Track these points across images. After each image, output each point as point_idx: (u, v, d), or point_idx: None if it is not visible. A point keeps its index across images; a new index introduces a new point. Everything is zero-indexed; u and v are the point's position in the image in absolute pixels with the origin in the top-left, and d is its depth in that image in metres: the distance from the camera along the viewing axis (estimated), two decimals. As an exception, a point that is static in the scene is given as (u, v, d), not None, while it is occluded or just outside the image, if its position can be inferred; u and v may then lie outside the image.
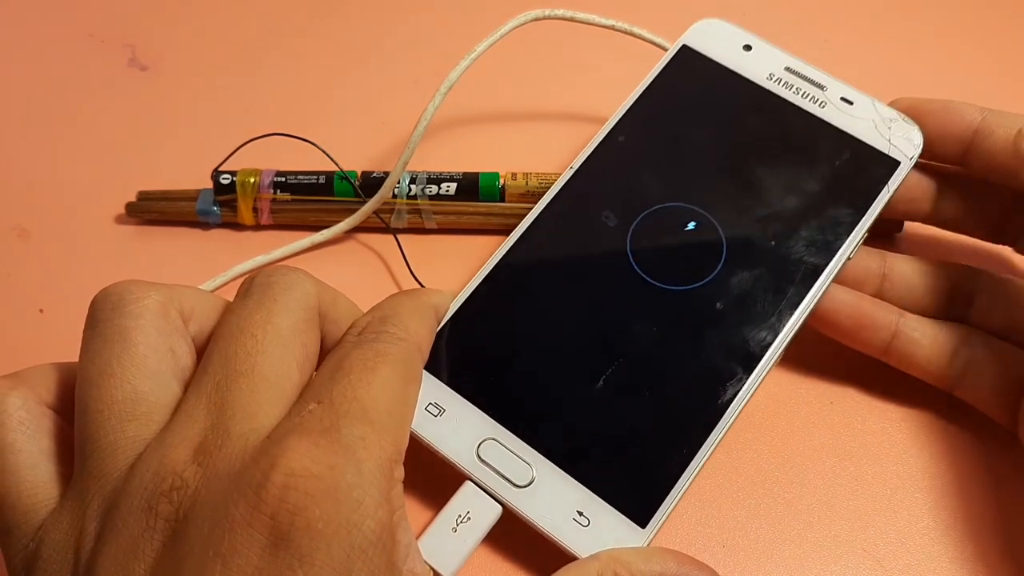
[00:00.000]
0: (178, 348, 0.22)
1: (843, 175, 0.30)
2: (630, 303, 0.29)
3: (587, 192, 0.31)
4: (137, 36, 0.44)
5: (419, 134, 0.34)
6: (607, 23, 0.36)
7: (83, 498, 0.20)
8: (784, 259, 0.29)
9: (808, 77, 0.32)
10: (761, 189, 0.30)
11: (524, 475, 0.26)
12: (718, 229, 0.30)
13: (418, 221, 0.36)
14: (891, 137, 0.30)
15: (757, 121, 0.32)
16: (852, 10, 0.47)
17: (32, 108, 0.41)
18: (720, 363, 0.27)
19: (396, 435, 0.21)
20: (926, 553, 0.28)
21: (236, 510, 0.18)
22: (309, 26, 0.45)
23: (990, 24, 0.46)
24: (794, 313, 0.28)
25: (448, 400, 0.27)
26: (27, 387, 0.22)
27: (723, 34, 0.33)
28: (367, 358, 0.22)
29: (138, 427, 0.20)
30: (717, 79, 0.32)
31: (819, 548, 0.28)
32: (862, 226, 0.29)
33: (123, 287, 0.22)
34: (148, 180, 0.37)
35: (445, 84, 0.34)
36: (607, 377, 0.27)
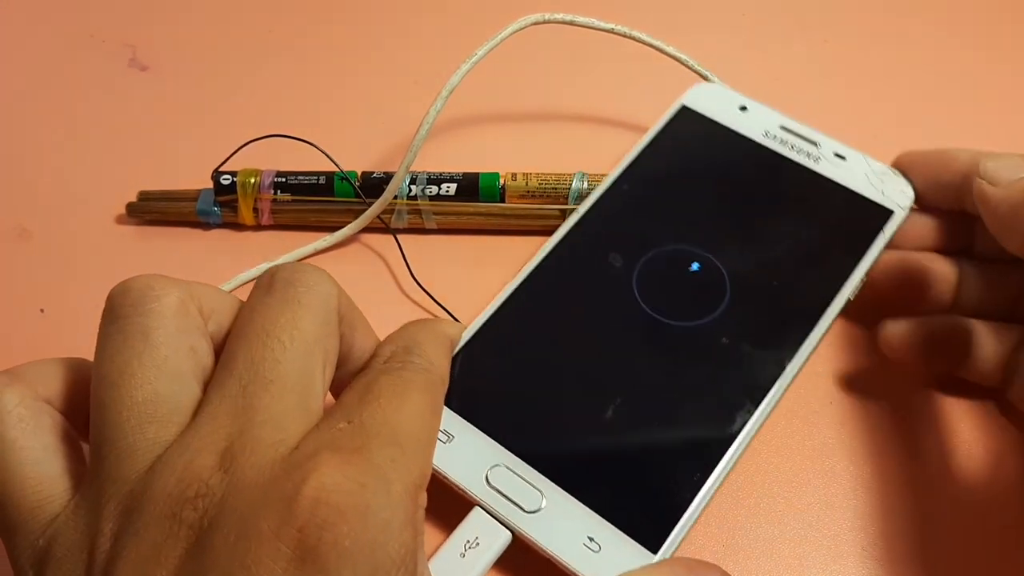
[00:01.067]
0: (198, 347, 0.22)
1: (840, 224, 0.32)
2: (637, 338, 0.30)
3: (593, 235, 0.32)
4: (138, 36, 0.44)
5: (421, 137, 0.34)
6: (607, 27, 0.37)
7: (99, 499, 0.19)
8: (787, 298, 0.30)
9: (801, 135, 0.34)
10: (762, 235, 0.32)
11: (534, 501, 0.26)
12: (721, 270, 0.31)
13: (418, 221, 0.36)
14: (884, 189, 0.32)
15: (755, 174, 0.33)
16: (852, 12, 0.47)
17: (33, 108, 0.41)
18: (728, 395, 0.28)
19: (422, 462, 0.21)
20: (925, 553, 0.28)
21: (265, 522, 0.18)
22: (309, 27, 0.45)
23: (990, 22, 0.46)
24: (800, 348, 0.29)
25: (457, 427, 0.27)
26: (24, 383, 0.21)
27: (720, 96, 0.35)
28: (395, 384, 0.22)
29: (158, 429, 0.20)
30: (716, 136, 0.34)
31: (819, 548, 0.28)
32: (860, 269, 0.31)
33: (143, 282, 0.22)
34: (149, 180, 0.37)
35: (446, 88, 0.34)
36: (616, 406, 0.28)
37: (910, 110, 0.42)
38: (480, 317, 0.30)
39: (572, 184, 0.35)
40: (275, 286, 0.22)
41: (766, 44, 0.45)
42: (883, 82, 0.43)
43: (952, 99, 0.43)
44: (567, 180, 0.35)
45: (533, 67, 0.42)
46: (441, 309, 0.33)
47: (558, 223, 0.36)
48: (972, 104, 0.42)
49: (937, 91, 0.43)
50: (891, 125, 0.41)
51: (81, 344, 0.23)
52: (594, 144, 0.40)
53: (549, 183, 0.35)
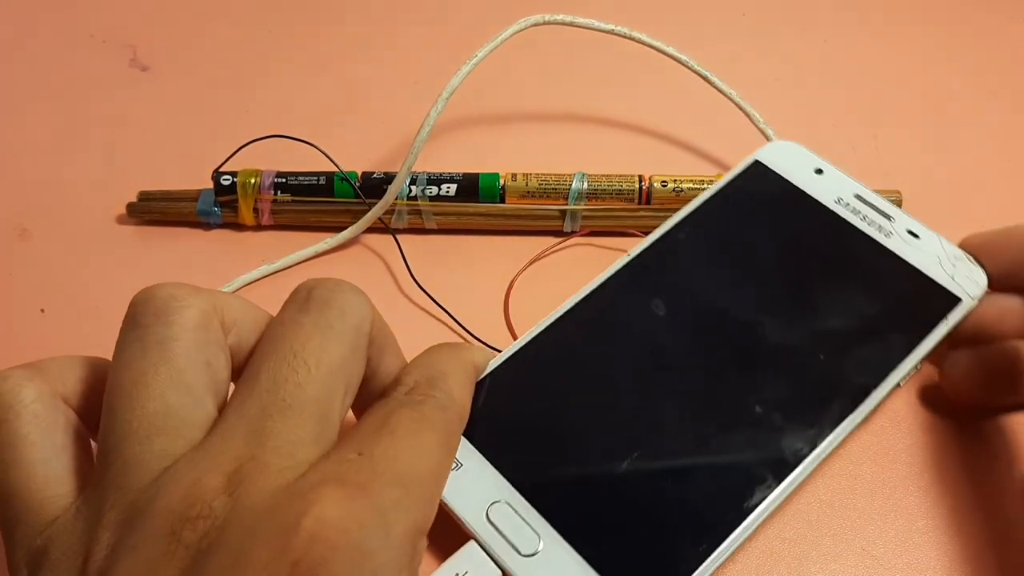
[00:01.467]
0: (215, 361, 0.21)
1: (902, 304, 0.30)
2: (666, 391, 0.28)
3: (640, 279, 0.31)
4: (138, 37, 0.44)
5: (422, 139, 0.34)
6: (606, 28, 0.37)
7: (100, 506, 0.19)
8: (832, 374, 0.28)
9: (877, 206, 0.32)
10: (817, 303, 0.30)
11: (531, 544, 0.25)
12: (766, 334, 0.29)
13: (418, 222, 0.36)
14: (955, 274, 0.30)
15: (820, 240, 0.31)
16: (852, 12, 0.47)
17: (33, 108, 0.41)
18: (751, 466, 0.27)
19: (426, 506, 0.20)
20: (924, 553, 0.28)
21: (260, 551, 0.17)
22: (309, 27, 0.45)
23: (990, 22, 0.46)
24: (835, 428, 0.27)
25: (468, 456, 0.27)
26: (44, 379, 0.21)
27: (796, 156, 0.33)
28: (413, 420, 0.22)
29: (165, 441, 0.20)
30: (785, 195, 0.32)
31: (819, 548, 0.28)
32: (916, 355, 0.28)
33: (168, 292, 0.21)
34: (149, 180, 0.37)
35: (447, 89, 0.34)
36: (632, 460, 0.27)
37: (910, 110, 0.42)
38: (510, 347, 0.29)
39: (572, 184, 0.35)
40: (310, 306, 0.22)
41: (766, 44, 0.45)
42: (883, 82, 0.43)
43: (952, 99, 0.43)
44: (567, 180, 0.35)
45: (533, 68, 0.42)
46: (441, 310, 0.33)
47: (558, 223, 0.36)
48: (972, 104, 0.42)
49: (937, 91, 0.43)
50: (891, 125, 0.41)
51: (81, 344, 0.23)
52: (595, 145, 0.40)
53: (549, 183, 0.35)
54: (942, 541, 0.28)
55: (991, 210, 0.38)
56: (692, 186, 0.35)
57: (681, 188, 0.35)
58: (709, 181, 0.36)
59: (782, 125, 0.39)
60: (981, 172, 0.40)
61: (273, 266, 0.35)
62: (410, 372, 0.24)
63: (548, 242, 0.36)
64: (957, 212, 0.38)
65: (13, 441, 0.20)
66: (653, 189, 0.36)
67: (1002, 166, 0.40)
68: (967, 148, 0.41)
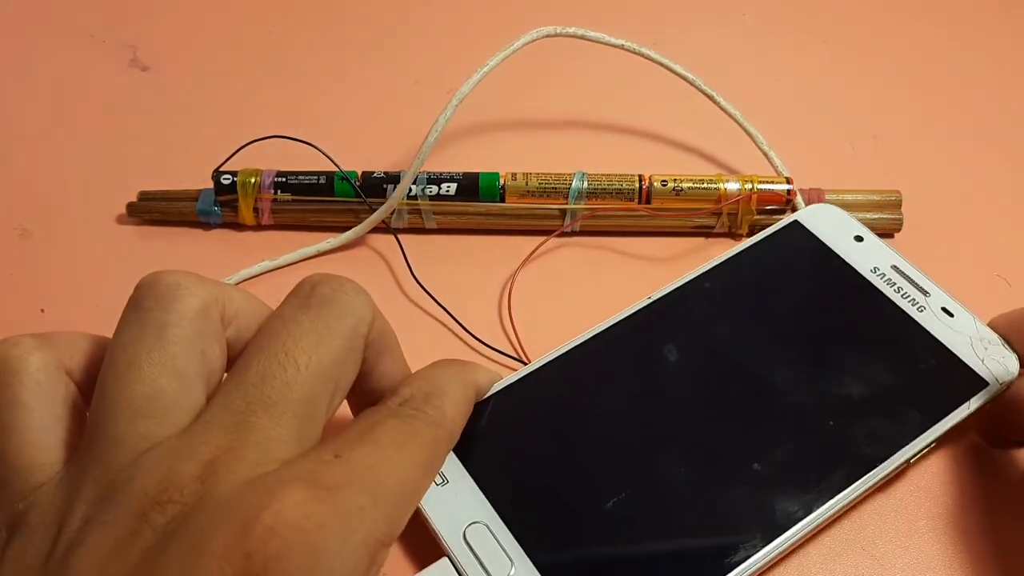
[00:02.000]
0: (210, 351, 0.22)
1: (925, 381, 0.29)
2: (663, 437, 0.28)
3: (657, 321, 0.31)
4: (138, 37, 0.44)
5: (429, 145, 0.33)
6: (617, 43, 0.37)
7: (81, 479, 0.20)
8: (839, 442, 0.28)
9: (914, 280, 0.31)
10: (836, 369, 0.29)
11: (502, 570, 0.25)
12: (779, 393, 0.29)
13: (418, 221, 0.36)
14: (985, 357, 0.29)
15: (850, 306, 0.31)
16: (851, 12, 0.47)
17: (34, 108, 0.41)
18: (739, 523, 0.26)
19: (393, 519, 0.20)
20: (924, 553, 0.28)
21: (218, 539, 0.18)
22: (309, 27, 0.45)
23: (990, 22, 0.46)
24: (834, 497, 0.27)
25: (455, 473, 0.27)
26: (51, 350, 0.22)
27: (837, 220, 0.33)
28: (399, 432, 0.22)
29: (150, 424, 0.20)
30: (820, 258, 0.32)
31: (819, 547, 0.28)
32: (931, 434, 0.28)
33: (173, 279, 0.22)
34: (149, 180, 0.37)
35: (456, 97, 0.33)
36: (617, 501, 0.26)
37: (910, 110, 0.42)
38: (517, 373, 0.29)
39: (572, 184, 0.35)
40: (311, 303, 0.22)
41: (766, 44, 0.45)
42: (883, 82, 0.43)
43: (952, 99, 0.43)
44: (567, 180, 0.35)
45: (536, 73, 0.42)
46: (441, 310, 0.33)
47: (558, 223, 0.36)
48: (972, 104, 0.42)
49: (937, 91, 0.43)
50: (891, 125, 0.41)
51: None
52: (595, 146, 0.40)
53: (549, 183, 0.35)
54: (942, 541, 0.28)
55: (991, 210, 0.38)
56: (692, 186, 0.35)
57: (681, 188, 0.35)
58: (709, 181, 0.36)
59: (782, 126, 0.39)
60: (981, 172, 0.40)
61: (274, 262, 0.35)
62: (408, 385, 0.24)
63: (547, 242, 0.36)
64: (957, 212, 0.38)
65: (12, 405, 0.20)
66: (653, 189, 0.36)
67: (1002, 166, 0.40)
68: (967, 148, 0.41)
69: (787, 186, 0.36)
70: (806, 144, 0.40)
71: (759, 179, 0.36)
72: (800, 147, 0.39)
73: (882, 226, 0.36)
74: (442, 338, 0.33)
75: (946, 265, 0.35)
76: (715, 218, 0.36)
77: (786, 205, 0.36)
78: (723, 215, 0.36)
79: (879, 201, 0.37)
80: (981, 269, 0.36)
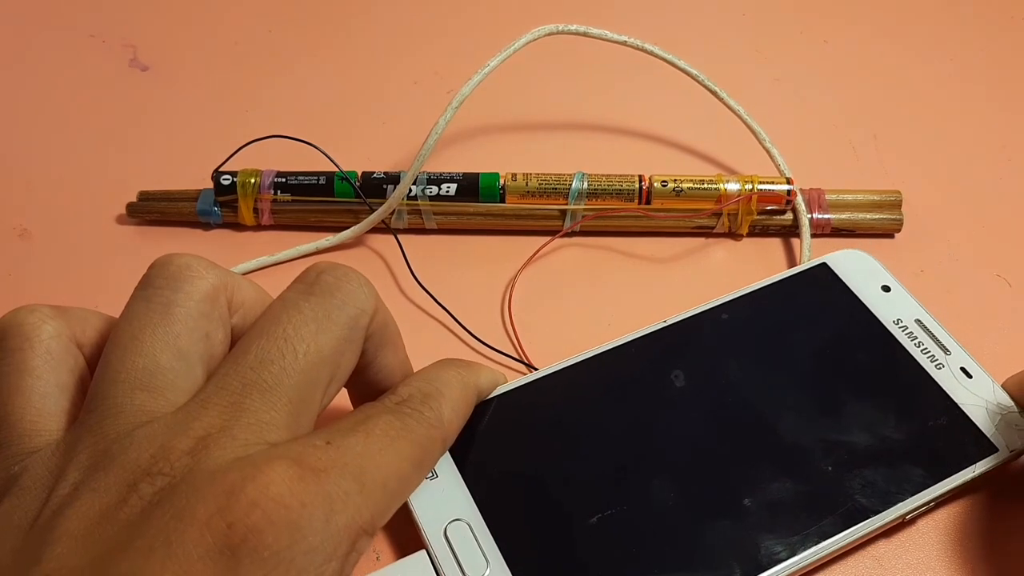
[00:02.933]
0: (214, 335, 0.22)
1: (933, 439, 0.29)
2: (657, 463, 0.28)
3: (669, 346, 0.31)
4: (138, 37, 0.44)
5: (429, 147, 0.33)
6: (619, 39, 0.36)
7: (76, 446, 0.20)
8: (834, 489, 0.27)
9: (936, 337, 0.31)
10: (841, 415, 0.29)
11: (478, 569, 0.25)
12: (780, 432, 0.28)
13: (418, 221, 0.36)
14: (999, 423, 0.29)
15: (866, 355, 0.31)
16: (852, 12, 0.47)
17: (33, 108, 0.41)
18: (721, 556, 0.26)
19: (378, 509, 0.21)
20: (925, 553, 0.28)
21: (201, 507, 0.18)
22: (309, 27, 0.45)
23: (990, 22, 0.46)
24: (821, 543, 0.26)
25: (446, 469, 0.27)
26: (65, 321, 0.22)
27: (866, 268, 0.33)
28: (393, 427, 0.22)
29: (147, 398, 0.20)
30: (843, 304, 0.32)
31: (818, 548, 0.28)
32: (930, 493, 0.27)
33: (184, 261, 0.22)
34: (149, 180, 0.37)
35: (457, 98, 0.33)
36: (602, 517, 0.26)
37: (910, 110, 0.42)
38: (522, 379, 0.29)
39: (572, 184, 0.35)
40: (314, 291, 0.23)
41: (766, 44, 0.45)
42: (883, 82, 0.43)
43: (952, 99, 0.43)
44: (567, 180, 0.35)
45: (537, 71, 0.42)
46: (441, 309, 0.33)
47: (558, 223, 0.36)
48: (972, 103, 0.42)
49: (937, 91, 0.43)
50: (891, 125, 0.41)
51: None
52: (596, 146, 0.40)
53: (549, 183, 0.35)
54: (942, 541, 0.28)
55: (991, 210, 0.38)
56: (692, 186, 0.35)
57: (681, 188, 0.35)
58: (709, 181, 0.36)
59: (783, 126, 0.39)
60: (981, 172, 0.40)
61: (272, 258, 0.35)
62: (407, 384, 0.24)
63: (547, 241, 0.36)
64: (957, 212, 0.38)
65: (21, 370, 0.21)
66: (653, 189, 0.36)
67: (1002, 166, 0.40)
68: (967, 148, 0.41)
69: (787, 186, 0.36)
70: (806, 144, 0.40)
71: (759, 179, 0.36)
72: (800, 147, 0.39)
73: (882, 226, 0.36)
74: (442, 338, 0.33)
75: (946, 265, 0.35)
76: (715, 218, 0.36)
77: (786, 205, 0.36)
78: (723, 215, 0.36)
79: (879, 201, 0.37)
80: (981, 269, 0.36)
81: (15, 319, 0.22)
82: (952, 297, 0.34)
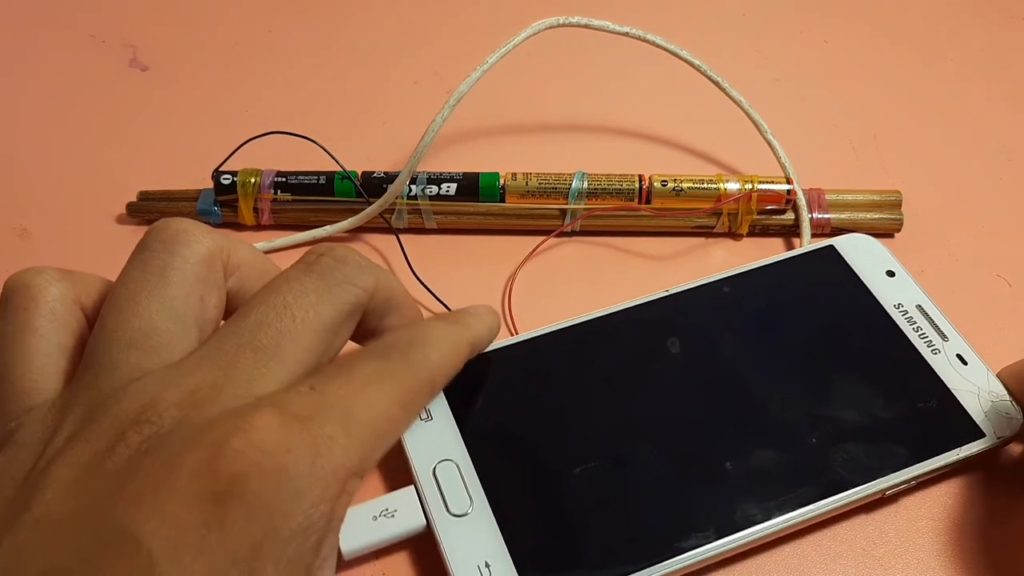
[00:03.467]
0: (208, 298, 0.23)
1: (920, 420, 0.29)
2: (645, 422, 0.29)
3: (669, 314, 0.31)
4: (138, 37, 0.44)
5: (426, 144, 0.33)
6: (621, 30, 0.36)
7: (72, 402, 0.20)
8: (815, 459, 0.28)
9: (935, 323, 0.31)
10: (831, 390, 0.30)
11: (461, 506, 0.26)
12: (768, 402, 0.29)
13: (418, 221, 0.36)
14: (988, 411, 0.29)
15: (863, 336, 0.31)
16: (852, 12, 0.47)
17: (33, 108, 0.41)
18: (698, 512, 0.27)
19: (366, 451, 0.21)
20: (925, 554, 0.28)
21: (190, 456, 0.18)
22: (309, 27, 0.45)
23: (990, 22, 0.46)
24: (796, 509, 0.27)
25: (440, 412, 0.28)
26: (71, 284, 0.23)
27: (872, 253, 0.33)
28: (377, 370, 0.22)
29: (141, 356, 0.21)
30: (846, 285, 0.32)
31: (819, 547, 0.28)
32: (910, 471, 0.28)
33: (181, 225, 0.23)
34: (149, 180, 0.37)
35: (455, 96, 0.33)
36: (584, 469, 0.27)
37: (910, 110, 0.42)
38: (529, 333, 0.30)
39: (572, 184, 0.35)
40: (315, 268, 0.23)
41: (766, 44, 0.45)
42: (883, 82, 0.43)
43: (952, 99, 0.43)
44: (567, 180, 0.35)
45: (536, 68, 0.42)
46: (443, 307, 0.33)
47: (558, 223, 0.36)
48: (972, 103, 0.42)
49: (937, 91, 0.43)
50: (891, 125, 0.41)
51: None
52: (596, 146, 0.40)
53: (549, 183, 0.35)
54: (943, 542, 0.28)
55: (991, 210, 0.38)
56: (692, 186, 0.35)
57: (681, 188, 0.35)
58: (710, 181, 0.36)
59: (783, 126, 0.39)
60: (981, 172, 0.40)
61: (271, 244, 0.35)
62: (395, 331, 0.25)
63: (548, 242, 0.36)
64: (957, 212, 0.38)
65: (25, 329, 0.22)
66: (653, 189, 0.36)
67: (1002, 165, 0.40)
68: (967, 148, 0.41)
69: (787, 186, 0.36)
70: (806, 144, 0.40)
71: (759, 179, 0.36)
72: (800, 147, 0.39)
73: (882, 226, 0.36)
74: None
75: (946, 265, 0.35)
76: (715, 218, 0.36)
77: (787, 205, 0.36)
78: (723, 215, 0.36)
79: (879, 201, 0.37)
80: (981, 269, 0.36)
81: (22, 279, 0.22)
82: (952, 297, 0.34)
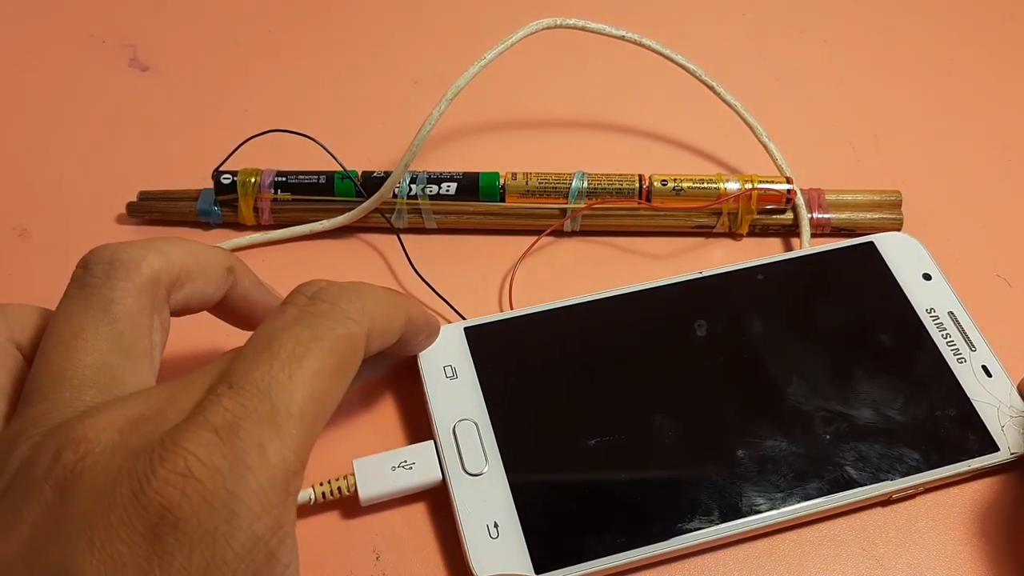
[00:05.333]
0: (155, 325, 0.22)
1: (936, 427, 0.29)
2: (666, 400, 0.29)
3: (698, 298, 0.32)
4: (138, 36, 0.44)
5: (423, 137, 0.33)
6: (617, 33, 0.36)
7: (16, 440, 0.20)
8: (826, 455, 0.28)
9: (966, 332, 0.31)
10: (852, 390, 0.30)
11: (476, 465, 0.27)
12: (787, 394, 0.29)
13: (418, 221, 0.36)
14: (1006, 426, 0.29)
15: (891, 337, 0.31)
16: (852, 12, 0.47)
17: (33, 108, 0.41)
18: (706, 494, 0.27)
19: (300, 443, 0.20)
20: (925, 554, 0.28)
21: (120, 490, 0.18)
22: (309, 26, 0.45)
23: (990, 22, 0.46)
24: (801, 503, 0.27)
25: (465, 370, 0.29)
26: (3, 321, 0.22)
27: (912, 253, 0.33)
28: (299, 341, 0.21)
29: (96, 395, 0.20)
30: (880, 284, 0.32)
31: (819, 548, 0.28)
32: (919, 478, 0.28)
33: (116, 252, 0.22)
34: (149, 180, 0.37)
35: (451, 91, 0.33)
36: (600, 441, 0.28)
37: (910, 110, 0.42)
38: (560, 301, 0.31)
39: (572, 184, 0.35)
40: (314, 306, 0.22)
41: (766, 44, 0.45)
42: (883, 82, 0.43)
43: (952, 99, 0.43)
44: (567, 179, 0.35)
45: (535, 68, 0.42)
46: (443, 302, 0.33)
47: (558, 222, 0.36)
48: (972, 103, 0.42)
49: (937, 91, 0.43)
50: (891, 125, 0.41)
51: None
52: (596, 145, 0.40)
53: (549, 182, 0.35)
54: (943, 542, 0.28)
55: (991, 210, 0.38)
56: (692, 185, 0.35)
57: (681, 187, 0.35)
58: (709, 181, 0.36)
59: (783, 126, 0.39)
60: (981, 172, 0.40)
61: (267, 235, 0.35)
62: (316, 281, 0.23)
63: (547, 241, 0.36)
64: (957, 212, 0.38)
65: None
66: (653, 188, 0.36)
67: (1002, 165, 0.40)
68: (967, 148, 0.41)
69: (787, 186, 0.36)
70: (806, 144, 0.40)
71: (759, 179, 0.36)
72: (800, 147, 0.39)
73: (882, 226, 0.36)
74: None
75: (946, 265, 0.35)
76: (715, 218, 0.36)
77: (786, 204, 0.36)
78: (723, 214, 0.36)
79: (879, 201, 0.37)
80: (981, 269, 0.36)
81: None
82: (952, 297, 0.34)
